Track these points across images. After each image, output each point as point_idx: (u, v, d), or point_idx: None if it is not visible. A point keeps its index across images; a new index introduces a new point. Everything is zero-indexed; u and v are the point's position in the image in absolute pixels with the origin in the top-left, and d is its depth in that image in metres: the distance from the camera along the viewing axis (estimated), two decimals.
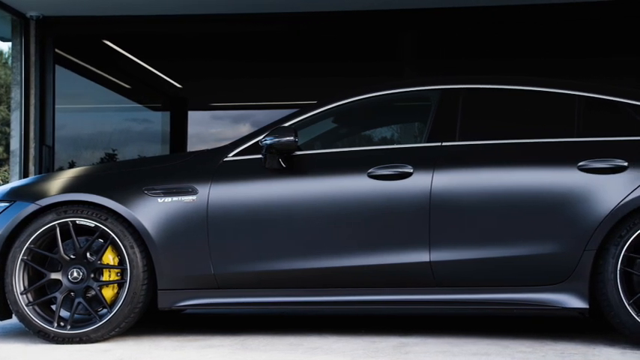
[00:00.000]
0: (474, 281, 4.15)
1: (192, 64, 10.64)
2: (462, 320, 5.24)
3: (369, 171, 4.22)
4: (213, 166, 4.41)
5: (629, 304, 3.97)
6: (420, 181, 4.17)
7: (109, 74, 10.80)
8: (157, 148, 11.91)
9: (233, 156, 4.44)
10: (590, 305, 4.06)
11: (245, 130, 11.59)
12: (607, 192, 4.03)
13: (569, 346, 4.09)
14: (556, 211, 4.07)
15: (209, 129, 12.38)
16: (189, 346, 4.20)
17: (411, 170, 4.19)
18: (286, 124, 4.39)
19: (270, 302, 4.29)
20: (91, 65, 10.26)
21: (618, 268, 3.98)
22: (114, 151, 11.44)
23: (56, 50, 8.38)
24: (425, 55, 8.99)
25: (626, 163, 4.06)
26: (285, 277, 4.23)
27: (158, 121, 12.33)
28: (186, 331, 4.71)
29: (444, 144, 4.28)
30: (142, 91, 11.79)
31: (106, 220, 4.31)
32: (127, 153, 11.50)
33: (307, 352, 3.98)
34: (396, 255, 4.16)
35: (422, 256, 4.14)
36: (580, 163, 4.09)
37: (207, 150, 4.64)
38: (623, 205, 4.00)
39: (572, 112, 4.33)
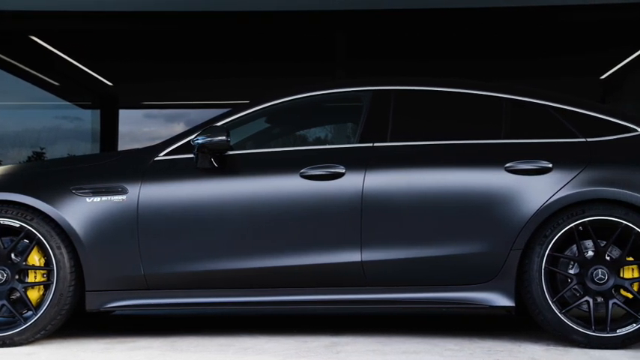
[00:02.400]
0: (404, 281, 4.20)
1: (123, 62, 10.47)
2: (392, 319, 5.30)
3: (302, 171, 4.23)
4: (143, 165, 4.35)
5: (552, 302, 4.08)
6: (352, 182, 4.20)
7: (36, 71, 10.55)
8: (87, 147, 11.69)
9: (164, 155, 4.39)
10: (516, 303, 4.15)
11: (179, 129, 11.48)
12: (533, 193, 4.14)
13: (496, 344, 4.18)
14: (484, 211, 4.15)
15: (142, 128, 12.22)
16: (117, 348, 4.13)
17: (343, 170, 4.21)
18: (218, 124, 4.36)
19: (201, 303, 4.26)
20: (18, 61, 10.00)
21: (543, 267, 4.09)
22: (42, 149, 11.18)
23: None
24: (357, 56, 9.06)
25: (550, 165, 4.17)
26: (217, 277, 4.21)
27: (88, 119, 12.10)
28: (115, 333, 4.64)
29: (375, 145, 4.32)
30: (71, 88, 11.55)
31: (31, 220, 4.21)
32: (55, 151, 11.26)
33: (238, 353, 3.97)
34: (327, 255, 4.18)
35: (353, 256, 4.17)
36: (507, 165, 4.19)
37: (138, 149, 4.58)
38: (547, 205, 4.10)
39: (499, 114, 4.43)
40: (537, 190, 4.13)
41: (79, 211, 4.22)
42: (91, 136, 11.78)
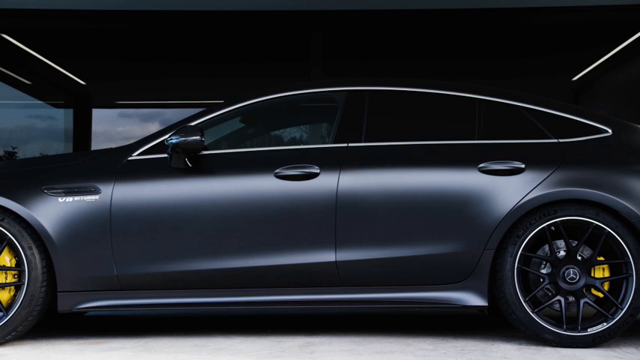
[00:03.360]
0: (378, 280, 4.21)
1: (96, 61, 10.40)
2: (366, 319, 5.31)
3: (276, 171, 4.23)
4: (117, 165, 4.32)
5: (525, 302, 4.11)
6: (327, 182, 4.20)
7: (8, 70, 10.44)
8: (60, 147, 11.61)
9: (138, 155, 4.36)
10: (489, 303, 4.18)
11: (154, 128, 11.42)
12: (505, 193, 4.17)
13: (469, 343, 4.21)
14: (458, 211, 4.17)
15: (116, 127, 12.15)
16: (89, 350, 4.10)
17: (318, 171, 4.22)
18: (192, 124, 4.35)
19: (174, 303, 4.24)
20: None
21: (515, 267, 4.12)
22: (14, 149, 11.08)
23: None
24: (332, 56, 9.08)
25: (523, 165, 4.20)
26: (190, 277, 4.19)
27: (61, 118, 12.01)
28: (88, 334, 4.60)
29: (350, 145, 4.33)
30: (44, 87, 11.45)
31: (2, 220, 4.16)
32: (28, 151, 11.16)
33: (212, 353, 3.96)
34: (302, 255, 4.18)
35: (328, 256, 4.17)
36: (480, 165, 4.22)
37: (111, 149, 4.54)
38: (520, 205, 4.14)
39: (472, 114, 4.45)
40: (510, 190, 4.17)
41: (51, 211, 4.19)
42: (64, 136, 11.69)
